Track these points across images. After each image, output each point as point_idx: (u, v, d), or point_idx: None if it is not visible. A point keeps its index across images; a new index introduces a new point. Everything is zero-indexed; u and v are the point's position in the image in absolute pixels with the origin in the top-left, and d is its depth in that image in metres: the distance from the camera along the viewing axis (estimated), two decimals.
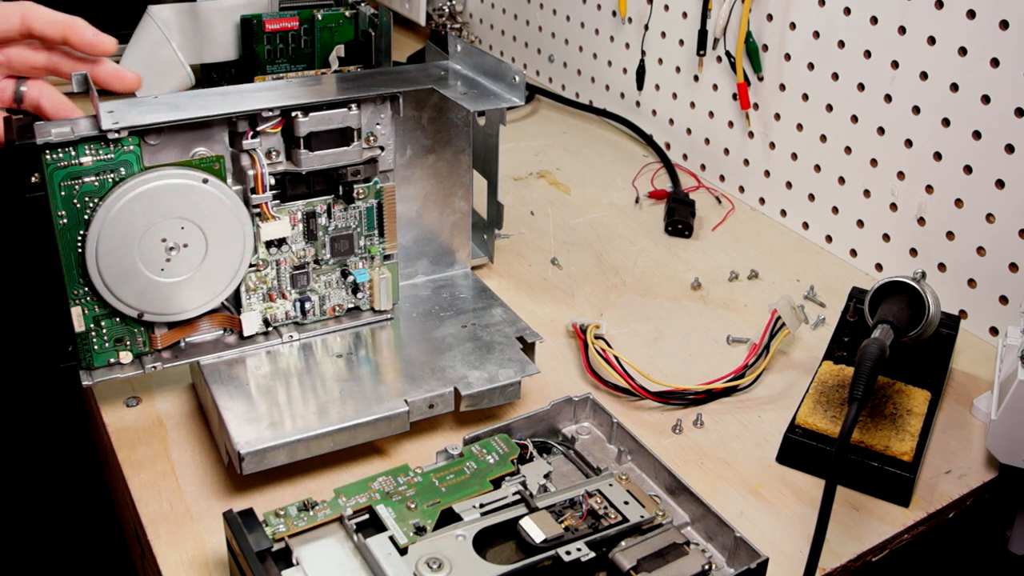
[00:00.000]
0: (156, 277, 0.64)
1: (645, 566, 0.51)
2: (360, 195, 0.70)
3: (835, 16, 0.86)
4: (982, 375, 0.75)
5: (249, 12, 1.01)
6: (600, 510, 0.55)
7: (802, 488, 0.64)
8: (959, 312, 0.81)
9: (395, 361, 0.69)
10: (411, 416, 0.64)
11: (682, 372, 0.75)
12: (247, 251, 0.66)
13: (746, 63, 0.96)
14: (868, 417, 0.66)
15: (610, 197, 1.02)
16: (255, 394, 0.64)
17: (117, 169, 0.61)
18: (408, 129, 0.75)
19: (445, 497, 0.55)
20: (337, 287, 0.72)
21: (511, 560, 0.52)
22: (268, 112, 0.64)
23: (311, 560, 0.52)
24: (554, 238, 0.93)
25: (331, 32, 1.02)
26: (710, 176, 1.06)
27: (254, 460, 0.59)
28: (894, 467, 0.62)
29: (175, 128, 0.62)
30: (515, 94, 0.71)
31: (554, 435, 0.64)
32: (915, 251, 0.84)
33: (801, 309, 0.80)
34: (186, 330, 0.67)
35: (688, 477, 0.59)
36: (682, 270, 0.89)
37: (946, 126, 0.79)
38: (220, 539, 0.57)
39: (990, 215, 0.77)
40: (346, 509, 0.54)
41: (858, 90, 0.86)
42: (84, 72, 0.64)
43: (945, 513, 0.63)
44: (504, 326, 0.73)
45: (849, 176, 0.89)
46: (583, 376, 0.74)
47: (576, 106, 1.23)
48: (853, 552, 0.59)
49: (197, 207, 0.63)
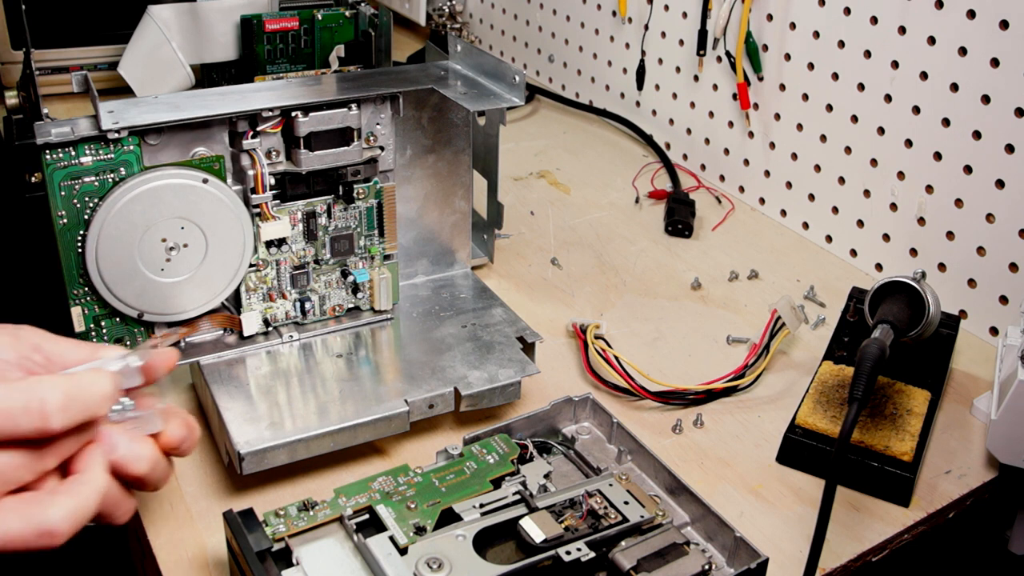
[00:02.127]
0: (156, 277, 0.64)
1: (645, 566, 0.51)
2: (360, 195, 0.70)
3: (835, 16, 0.86)
4: (982, 375, 0.75)
5: (249, 12, 1.01)
6: (600, 510, 0.55)
7: (802, 488, 0.64)
8: (959, 312, 0.81)
9: (395, 361, 0.69)
10: (411, 416, 0.64)
11: (682, 372, 0.75)
12: (247, 251, 0.66)
13: (746, 63, 0.95)
14: (868, 417, 0.66)
15: (610, 197, 1.02)
16: (255, 394, 0.64)
17: (117, 169, 0.61)
18: (408, 129, 0.75)
19: (445, 497, 0.55)
20: (337, 287, 0.72)
21: (511, 560, 0.52)
22: (268, 112, 0.64)
23: (311, 560, 0.52)
24: (554, 238, 0.93)
25: (331, 32, 1.02)
26: (710, 176, 1.06)
27: (254, 460, 0.59)
28: (894, 467, 0.62)
29: (175, 128, 0.62)
30: (515, 94, 0.71)
31: (554, 435, 0.64)
32: (915, 251, 0.84)
33: (801, 309, 0.80)
34: (186, 330, 0.67)
35: (688, 477, 0.59)
36: (682, 270, 0.89)
37: (946, 126, 0.79)
38: (220, 539, 0.57)
39: (990, 215, 0.77)
40: (346, 509, 0.54)
41: (858, 90, 0.86)
42: (84, 73, 0.63)
43: (945, 513, 0.63)
44: (504, 326, 0.73)
45: (849, 176, 0.89)
46: (583, 376, 0.74)
47: (576, 106, 1.23)
48: (853, 552, 0.59)
49: (197, 207, 0.63)
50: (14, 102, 0.93)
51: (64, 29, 1.13)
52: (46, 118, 0.60)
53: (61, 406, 0.43)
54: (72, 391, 0.43)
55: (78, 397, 0.44)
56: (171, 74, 1.03)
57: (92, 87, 0.62)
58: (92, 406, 0.44)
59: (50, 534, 0.43)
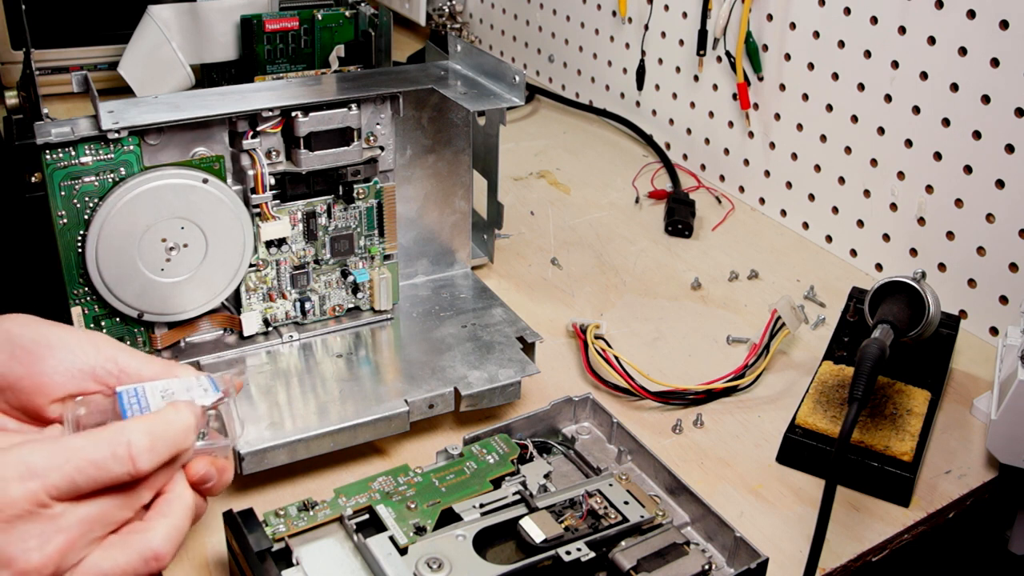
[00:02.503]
0: (156, 277, 0.64)
1: (645, 566, 0.51)
2: (360, 195, 0.70)
3: (835, 16, 0.86)
4: (982, 375, 0.75)
5: (249, 12, 1.01)
6: (600, 510, 0.55)
7: (802, 488, 0.64)
8: (959, 312, 0.81)
9: (395, 361, 0.69)
10: (411, 416, 0.64)
11: (682, 372, 0.75)
12: (247, 251, 0.66)
13: (746, 63, 0.95)
14: (868, 417, 0.66)
15: (610, 197, 1.02)
16: (255, 394, 0.64)
17: (117, 169, 0.61)
18: (408, 129, 0.75)
19: (445, 497, 0.55)
20: (337, 287, 0.72)
21: (511, 560, 0.52)
22: (268, 112, 0.64)
23: (311, 560, 0.52)
24: (554, 238, 0.93)
25: (331, 32, 1.02)
26: (710, 176, 1.06)
27: (254, 460, 0.59)
28: (894, 467, 0.62)
29: (175, 128, 0.62)
30: (515, 94, 0.71)
31: (554, 435, 0.64)
32: (915, 251, 0.84)
33: (801, 309, 0.80)
34: (186, 330, 0.67)
35: (688, 477, 0.59)
36: (682, 270, 0.89)
37: (946, 126, 0.79)
38: (220, 539, 0.57)
39: (990, 215, 0.77)
40: (346, 509, 0.54)
41: (858, 90, 0.86)
42: (84, 73, 0.63)
43: (945, 513, 0.63)
44: (504, 326, 0.73)
45: (849, 176, 0.89)
46: (583, 376, 0.74)
47: (576, 106, 1.23)
48: (853, 552, 0.59)
49: (197, 207, 0.63)
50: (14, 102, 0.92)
51: (64, 29, 1.13)
52: (46, 118, 0.60)
53: (148, 447, 0.44)
54: (156, 430, 0.45)
55: (163, 436, 0.45)
56: (171, 74, 1.03)
57: (92, 87, 0.62)
58: (178, 442, 0.46)
59: (156, 558, 0.44)
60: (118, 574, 0.44)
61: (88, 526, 0.43)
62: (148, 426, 0.44)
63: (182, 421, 0.46)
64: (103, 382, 0.49)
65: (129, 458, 0.43)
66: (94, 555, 0.43)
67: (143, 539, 0.44)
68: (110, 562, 0.44)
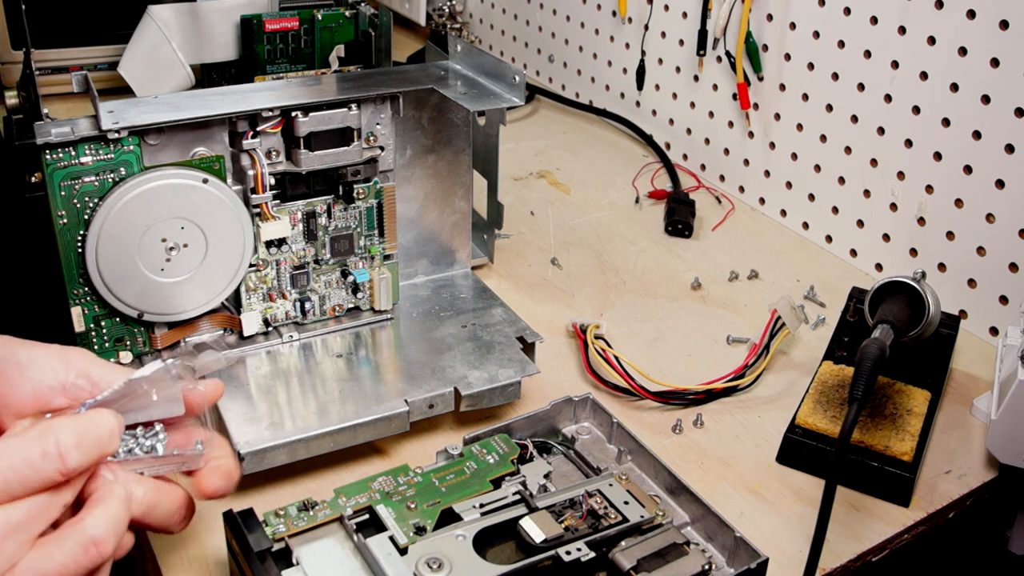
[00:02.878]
0: (156, 277, 0.64)
1: (645, 566, 0.51)
2: (360, 195, 0.70)
3: (835, 16, 0.86)
4: (982, 375, 0.75)
5: (249, 12, 1.01)
6: (600, 510, 0.55)
7: (802, 488, 0.64)
8: (959, 312, 0.81)
9: (395, 361, 0.69)
10: (411, 416, 0.64)
11: (682, 372, 0.75)
12: (247, 251, 0.66)
13: (746, 63, 0.95)
14: (868, 417, 0.66)
15: (610, 197, 1.02)
16: (255, 394, 0.64)
17: (117, 169, 0.61)
18: (408, 129, 0.75)
19: (445, 497, 0.55)
20: (337, 287, 0.72)
21: (511, 560, 0.52)
22: (268, 112, 0.64)
23: (311, 560, 0.52)
24: (554, 238, 0.93)
25: (331, 32, 1.02)
26: (710, 176, 1.06)
27: (254, 460, 0.59)
28: (894, 467, 0.62)
29: (175, 128, 0.62)
30: (515, 94, 0.71)
31: (554, 435, 0.64)
32: (915, 251, 0.84)
33: (801, 309, 0.80)
34: (186, 330, 0.67)
35: (688, 477, 0.59)
36: (682, 270, 0.89)
37: (946, 126, 0.79)
38: (220, 539, 0.57)
39: (990, 215, 0.77)
40: (346, 509, 0.54)
41: (858, 90, 0.86)
42: (84, 73, 0.63)
43: (945, 513, 0.63)
44: (504, 326, 0.73)
45: (849, 176, 0.89)
46: (583, 376, 0.74)
47: (576, 106, 1.23)
48: (853, 552, 0.59)
49: (197, 207, 0.63)
50: (14, 102, 0.92)
51: (64, 29, 1.13)
52: (46, 118, 0.60)
53: (75, 444, 0.44)
54: (81, 428, 0.45)
55: (89, 434, 0.45)
56: (171, 74, 1.03)
57: (92, 87, 0.62)
58: (103, 439, 0.46)
59: (95, 543, 0.44)
60: (59, 569, 0.43)
61: (15, 528, 0.42)
62: (74, 424, 0.44)
63: (105, 419, 0.46)
64: (74, 397, 0.49)
65: (58, 455, 0.43)
66: (29, 556, 0.43)
67: (78, 528, 0.44)
68: (47, 560, 0.43)
